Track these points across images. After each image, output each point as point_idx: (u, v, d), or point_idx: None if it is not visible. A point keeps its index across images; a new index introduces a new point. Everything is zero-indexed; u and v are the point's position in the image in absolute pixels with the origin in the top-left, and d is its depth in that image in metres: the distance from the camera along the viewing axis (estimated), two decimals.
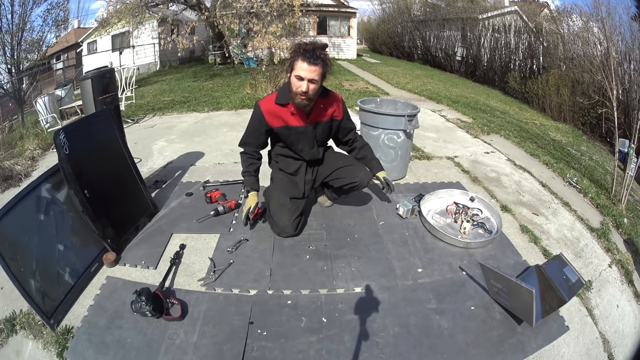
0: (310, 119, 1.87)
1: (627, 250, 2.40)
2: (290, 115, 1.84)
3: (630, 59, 6.43)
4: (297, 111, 1.82)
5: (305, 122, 1.87)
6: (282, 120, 1.86)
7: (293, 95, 1.73)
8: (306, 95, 1.69)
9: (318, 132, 1.94)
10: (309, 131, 1.90)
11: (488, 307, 1.64)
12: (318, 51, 1.67)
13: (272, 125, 1.88)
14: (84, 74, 2.99)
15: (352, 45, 15.85)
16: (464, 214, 2.28)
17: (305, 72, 1.65)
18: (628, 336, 1.75)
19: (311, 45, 1.67)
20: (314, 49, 1.66)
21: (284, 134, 1.92)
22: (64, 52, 14.28)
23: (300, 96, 1.70)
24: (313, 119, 1.88)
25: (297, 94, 1.70)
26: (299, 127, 1.88)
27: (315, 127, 1.91)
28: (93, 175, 1.93)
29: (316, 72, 1.66)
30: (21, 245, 1.60)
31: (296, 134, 1.90)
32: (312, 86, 1.68)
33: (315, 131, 1.92)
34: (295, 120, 1.86)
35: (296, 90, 1.70)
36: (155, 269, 1.86)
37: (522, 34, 10.49)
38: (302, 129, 1.89)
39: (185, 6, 10.28)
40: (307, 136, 1.92)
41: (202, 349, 1.42)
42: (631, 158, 3.16)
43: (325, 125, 1.94)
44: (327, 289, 1.72)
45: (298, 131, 1.89)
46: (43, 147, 3.97)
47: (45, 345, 1.51)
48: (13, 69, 9.22)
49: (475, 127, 4.65)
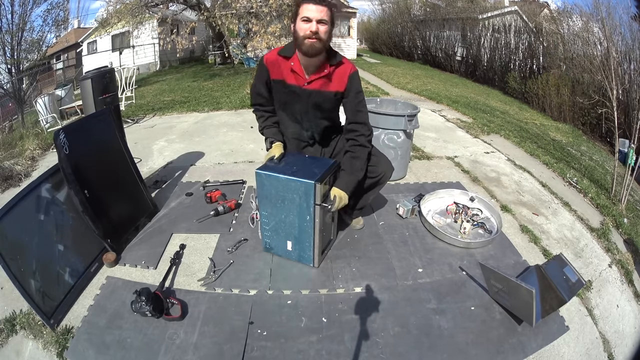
0: (310, 83, 1.67)
1: (627, 250, 2.40)
2: (290, 72, 1.67)
3: (630, 59, 6.43)
4: (298, 69, 1.65)
5: (302, 84, 1.68)
6: (280, 74, 1.70)
7: (300, 41, 1.53)
8: (316, 35, 1.50)
9: (316, 100, 1.71)
10: (305, 94, 1.70)
11: (488, 307, 1.64)
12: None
13: (272, 75, 1.72)
14: (84, 74, 2.99)
15: (352, 45, 15.85)
16: (464, 214, 2.28)
17: (313, 12, 1.49)
18: (628, 336, 1.75)
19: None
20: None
21: (278, 89, 1.75)
22: (64, 52, 14.28)
23: (309, 38, 1.50)
24: (313, 85, 1.67)
25: (306, 36, 1.51)
26: (294, 86, 1.69)
27: (312, 94, 1.69)
28: (93, 175, 1.93)
29: (324, 12, 1.49)
30: (21, 245, 1.60)
31: (290, 93, 1.72)
32: (322, 27, 1.50)
33: (311, 98, 1.70)
34: (293, 78, 1.68)
35: (304, 34, 1.50)
36: (155, 269, 1.86)
37: (522, 34, 10.49)
38: (297, 90, 1.69)
39: (185, 6, 10.28)
40: (302, 99, 1.72)
41: (202, 349, 1.42)
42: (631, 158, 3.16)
43: (327, 96, 1.70)
44: (327, 289, 1.72)
45: (292, 90, 1.70)
46: (43, 147, 3.97)
47: (45, 345, 1.51)
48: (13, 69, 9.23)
49: (475, 127, 4.65)
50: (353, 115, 1.76)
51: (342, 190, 1.69)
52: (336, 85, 1.69)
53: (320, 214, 1.67)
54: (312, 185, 1.59)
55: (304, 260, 1.85)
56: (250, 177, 2.73)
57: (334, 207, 1.67)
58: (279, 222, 1.79)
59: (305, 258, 1.84)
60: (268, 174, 1.68)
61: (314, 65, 1.64)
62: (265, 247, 1.94)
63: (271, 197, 1.72)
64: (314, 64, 1.63)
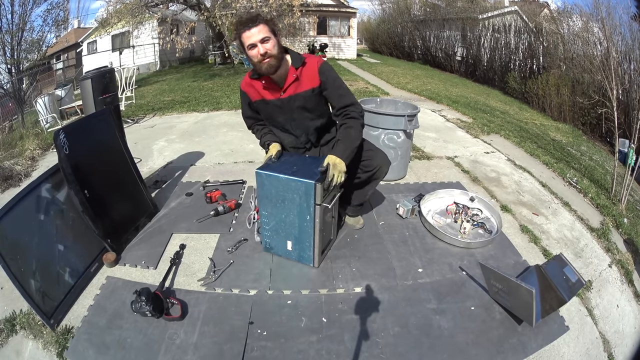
0: (285, 91, 1.74)
1: (627, 250, 2.40)
2: (264, 89, 1.76)
3: (630, 59, 6.42)
4: (270, 85, 1.73)
5: (279, 95, 1.75)
6: (258, 94, 1.79)
7: (258, 67, 1.64)
8: (266, 55, 1.58)
9: (297, 103, 1.76)
10: (285, 103, 1.76)
11: (488, 307, 1.64)
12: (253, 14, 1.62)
13: (252, 97, 1.82)
14: (84, 74, 2.99)
15: (352, 45, 15.86)
16: (464, 214, 2.28)
17: (253, 37, 1.56)
18: (628, 336, 1.75)
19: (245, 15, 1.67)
20: (249, 16, 1.60)
21: (262, 108, 1.85)
22: (64, 52, 14.29)
23: (262, 61, 1.60)
24: (289, 92, 1.74)
25: (259, 61, 1.60)
26: (274, 100, 1.77)
27: (291, 100, 1.75)
28: (93, 175, 1.93)
29: (262, 30, 1.56)
30: (21, 245, 1.60)
31: (273, 107, 1.80)
32: (267, 45, 1.58)
33: (293, 103, 1.76)
34: (270, 94, 1.76)
35: (257, 60, 1.60)
36: (155, 269, 1.86)
37: (522, 34, 10.49)
38: (278, 102, 1.77)
39: (185, 6, 10.28)
40: (285, 109, 1.78)
41: (202, 349, 1.42)
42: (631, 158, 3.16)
43: (304, 95, 1.74)
44: (327, 289, 1.72)
45: (274, 104, 1.78)
46: (43, 147, 3.97)
47: (45, 345, 1.51)
48: (13, 69, 9.23)
49: (475, 127, 4.65)
50: (339, 101, 1.78)
51: (337, 157, 1.67)
52: (309, 83, 1.73)
53: (321, 214, 1.67)
54: (313, 185, 1.59)
55: (304, 260, 1.85)
56: (250, 177, 2.74)
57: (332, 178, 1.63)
58: (279, 222, 1.79)
59: (305, 258, 1.84)
60: (268, 173, 1.68)
61: (282, 75, 1.70)
62: (265, 247, 1.94)
63: (271, 197, 1.72)
64: (280, 75, 1.70)
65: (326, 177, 1.64)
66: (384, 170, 1.92)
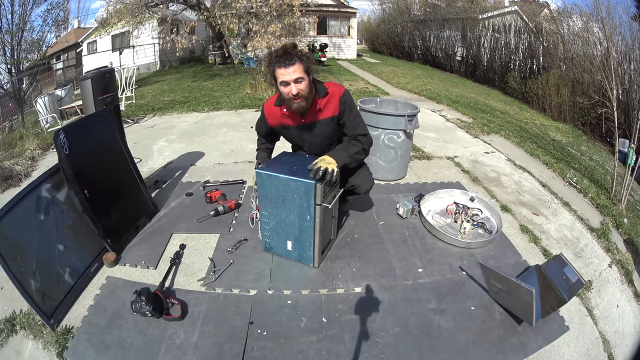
0: (305, 118, 1.83)
1: (627, 250, 2.40)
2: (286, 117, 1.84)
3: (630, 59, 6.42)
4: (290, 113, 1.80)
5: (299, 122, 1.84)
6: (279, 121, 1.89)
7: (288, 103, 1.71)
8: (298, 96, 1.64)
9: (317, 130, 1.85)
10: (305, 128, 1.85)
11: (488, 307, 1.65)
12: (290, 51, 1.62)
13: (271, 124, 1.93)
14: (84, 74, 2.99)
15: (352, 45, 15.86)
16: (464, 214, 2.28)
17: (288, 75, 1.60)
18: (628, 336, 1.75)
19: (282, 49, 1.64)
20: (285, 51, 1.62)
21: (283, 133, 1.98)
22: (64, 52, 14.28)
23: (294, 100, 1.66)
24: (310, 119, 1.83)
25: (290, 99, 1.66)
26: (294, 127, 1.87)
27: (311, 126, 1.84)
28: (93, 175, 1.93)
29: (297, 70, 1.60)
30: (21, 245, 1.60)
31: (294, 132, 1.90)
32: (301, 85, 1.63)
33: (312, 129, 1.85)
34: (290, 120, 1.84)
35: (288, 97, 1.65)
36: (155, 269, 1.86)
37: (522, 34, 10.48)
38: (298, 128, 1.86)
39: (185, 6, 10.28)
40: (303, 134, 1.88)
41: (202, 349, 1.42)
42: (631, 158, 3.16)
43: (324, 123, 1.83)
44: (327, 289, 1.72)
45: (293, 129, 1.88)
46: (43, 147, 3.97)
47: (45, 345, 1.51)
48: (13, 69, 9.22)
49: (475, 127, 4.65)
50: (352, 130, 1.84)
51: (331, 157, 1.67)
52: (330, 112, 1.81)
53: (321, 214, 1.67)
54: (313, 185, 1.59)
55: (304, 260, 1.85)
56: (251, 177, 2.73)
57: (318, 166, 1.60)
58: (279, 222, 1.79)
59: (305, 258, 1.84)
60: (268, 173, 1.68)
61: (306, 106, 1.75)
62: (265, 247, 1.94)
63: (271, 196, 1.72)
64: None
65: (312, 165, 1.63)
66: (363, 189, 1.98)
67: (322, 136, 1.87)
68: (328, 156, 1.68)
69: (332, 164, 1.64)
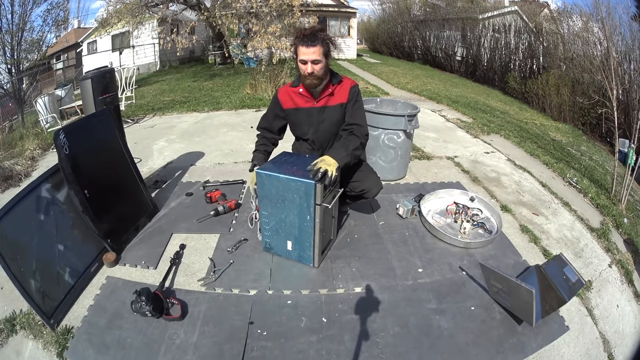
0: (317, 101, 1.91)
1: (627, 250, 2.40)
2: (300, 97, 1.92)
3: (630, 59, 6.41)
4: (306, 93, 1.89)
5: (312, 104, 1.92)
6: (292, 102, 1.94)
7: (302, 78, 1.83)
8: (312, 75, 1.77)
9: (326, 115, 1.92)
10: (315, 112, 1.92)
11: (488, 307, 1.65)
12: (316, 33, 1.74)
13: (284, 105, 1.96)
14: (84, 74, 2.99)
15: (352, 45, 15.85)
16: (464, 214, 2.28)
17: (306, 55, 1.73)
18: (628, 336, 1.75)
19: (309, 29, 1.76)
20: (312, 32, 1.73)
21: (292, 114, 1.98)
22: (64, 52, 14.27)
23: (307, 77, 1.79)
24: (321, 103, 1.92)
25: (305, 76, 1.79)
26: (305, 108, 1.93)
27: (322, 110, 1.92)
28: (93, 175, 1.93)
29: (316, 52, 1.72)
30: (21, 245, 1.60)
31: (303, 115, 1.94)
32: (316, 66, 1.75)
33: (322, 114, 1.92)
34: (303, 101, 1.92)
35: (303, 73, 1.78)
36: (155, 269, 1.86)
37: (522, 34, 10.47)
38: (309, 110, 1.93)
39: (185, 6, 10.28)
40: (312, 117, 1.93)
41: (202, 349, 1.42)
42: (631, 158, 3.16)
43: (334, 109, 1.91)
44: (327, 289, 1.72)
45: (305, 111, 1.94)
46: (43, 147, 3.97)
47: (45, 345, 1.51)
48: (13, 69, 9.22)
49: (475, 127, 4.65)
50: (351, 118, 1.91)
51: (331, 158, 1.66)
52: (340, 99, 1.90)
53: (321, 214, 1.67)
54: (313, 185, 1.59)
55: (304, 260, 1.85)
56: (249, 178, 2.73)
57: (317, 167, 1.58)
58: (279, 222, 1.79)
59: (305, 258, 1.84)
60: (268, 173, 1.68)
61: (319, 89, 1.87)
62: (265, 247, 1.94)
63: (271, 197, 1.72)
64: (318, 89, 1.87)
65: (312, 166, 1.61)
66: (372, 193, 2.02)
67: (330, 122, 1.94)
68: (328, 156, 1.68)
69: (332, 166, 1.63)
